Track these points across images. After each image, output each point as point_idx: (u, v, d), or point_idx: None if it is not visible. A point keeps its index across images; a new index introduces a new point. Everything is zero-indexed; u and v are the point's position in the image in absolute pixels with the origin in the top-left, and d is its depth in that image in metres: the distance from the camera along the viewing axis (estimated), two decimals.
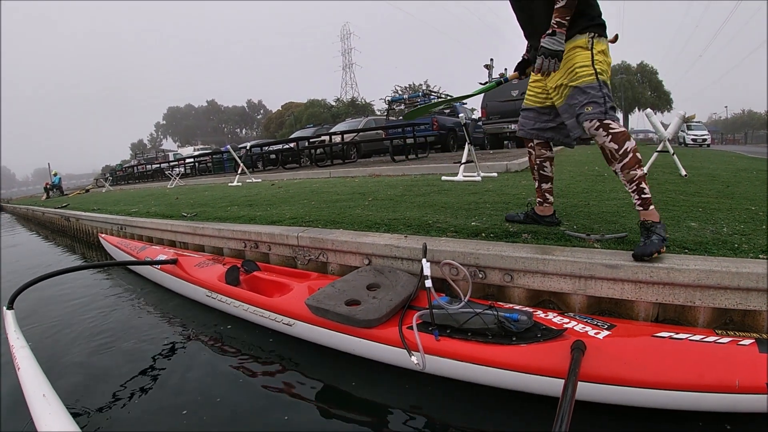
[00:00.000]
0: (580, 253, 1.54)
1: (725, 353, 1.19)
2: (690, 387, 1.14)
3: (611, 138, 1.58)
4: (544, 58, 1.55)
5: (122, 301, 2.81)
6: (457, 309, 1.47)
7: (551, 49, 1.54)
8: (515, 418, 1.31)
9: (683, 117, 4.06)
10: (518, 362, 1.29)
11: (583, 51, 1.61)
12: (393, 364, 1.53)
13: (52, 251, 5.56)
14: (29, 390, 1.24)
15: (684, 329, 1.34)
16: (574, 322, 1.42)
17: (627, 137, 1.59)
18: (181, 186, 9.33)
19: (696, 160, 5.83)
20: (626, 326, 1.41)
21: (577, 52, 1.61)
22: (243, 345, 1.92)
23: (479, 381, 1.37)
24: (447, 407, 1.40)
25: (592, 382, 1.21)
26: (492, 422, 1.30)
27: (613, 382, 1.20)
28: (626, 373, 1.19)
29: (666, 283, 1.40)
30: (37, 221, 9.48)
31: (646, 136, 30.76)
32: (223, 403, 1.50)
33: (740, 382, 1.11)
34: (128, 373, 1.75)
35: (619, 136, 1.58)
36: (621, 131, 1.58)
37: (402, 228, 2.18)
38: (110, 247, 3.66)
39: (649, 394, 1.17)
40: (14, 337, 1.59)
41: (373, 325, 1.56)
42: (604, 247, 1.63)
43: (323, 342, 1.73)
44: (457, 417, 1.35)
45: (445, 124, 9.59)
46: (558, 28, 1.54)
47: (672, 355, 1.21)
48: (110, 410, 1.52)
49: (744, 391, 1.10)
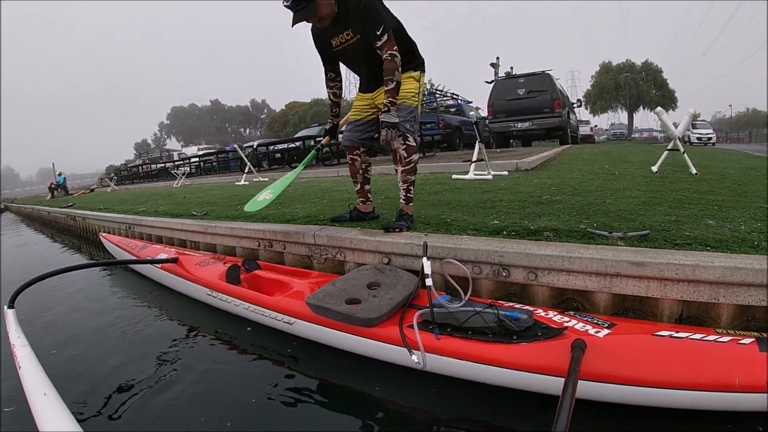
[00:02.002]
0: (606, 251, 1.54)
1: (725, 352, 1.19)
2: (690, 386, 1.15)
3: (405, 148, 2.12)
4: (387, 129, 1.97)
5: (123, 300, 2.82)
6: (457, 308, 1.48)
7: (390, 123, 1.96)
8: (515, 417, 1.31)
9: (693, 115, 4.05)
10: (519, 361, 1.30)
11: (414, 81, 2.16)
12: (393, 363, 1.54)
13: (58, 251, 5.59)
14: (30, 389, 1.24)
15: (684, 328, 1.34)
16: (575, 320, 1.42)
17: (415, 151, 2.15)
18: (188, 185, 9.37)
19: (704, 159, 5.81)
20: (627, 325, 1.41)
21: (410, 81, 2.14)
22: (243, 344, 1.93)
23: (479, 379, 1.38)
24: (447, 406, 1.40)
25: (593, 381, 1.22)
26: (492, 421, 1.30)
27: (614, 381, 1.20)
28: (626, 372, 1.20)
29: (691, 280, 1.40)
30: (43, 221, 9.53)
31: (650, 135, 30.65)
32: (224, 401, 1.51)
33: (740, 380, 1.11)
34: (129, 372, 1.76)
35: (412, 149, 2.14)
36: (413, 146, 2.14)
37: (420, 226, 2.19)
38: (111, 246, 3.66)
39: (649, 393, 1.18)
40: (15, 336, 1.60)
41: (374, 323, 1.57)
42: (627, 244, 1.64)
43: (323, 340, 1.74)
44: (458, 415, 1.35)
45: (450, 123, 9.59)
46: (392, 106, 1.98)
47: (672, 353, 1.22)
48: (111, 409, 1.53)
49: (744, 390, 1.11)
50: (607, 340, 1.30)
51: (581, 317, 1.45)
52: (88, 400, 1.57)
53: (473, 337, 1.39)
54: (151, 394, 1.60)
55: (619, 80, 32.50)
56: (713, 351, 1.20)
